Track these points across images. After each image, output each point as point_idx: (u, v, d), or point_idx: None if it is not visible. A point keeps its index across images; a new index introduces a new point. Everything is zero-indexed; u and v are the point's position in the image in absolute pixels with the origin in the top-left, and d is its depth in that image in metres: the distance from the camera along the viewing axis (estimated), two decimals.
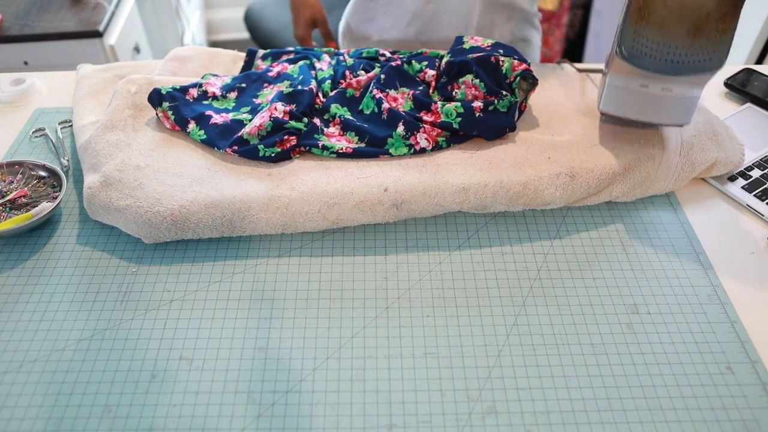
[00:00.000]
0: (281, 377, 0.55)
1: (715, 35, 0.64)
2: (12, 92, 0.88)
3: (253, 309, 0.61)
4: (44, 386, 0.55)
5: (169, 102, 0.76)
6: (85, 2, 1.51)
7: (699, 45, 0.65)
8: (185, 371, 0.56)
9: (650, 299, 0.62)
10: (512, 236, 0.69)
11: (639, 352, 0.57)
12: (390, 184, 0.68)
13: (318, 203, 0.66)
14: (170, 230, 0.65)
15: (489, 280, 0.64)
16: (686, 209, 0.72)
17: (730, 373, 0.56)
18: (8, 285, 0.63)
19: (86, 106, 0.81)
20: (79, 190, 0.74)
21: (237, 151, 0.71)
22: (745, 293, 0.63)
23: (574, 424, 0.52)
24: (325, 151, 0.72)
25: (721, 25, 0.64)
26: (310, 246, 0.67)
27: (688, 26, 0.64)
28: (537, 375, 0.56)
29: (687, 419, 0.52)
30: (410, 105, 0.78)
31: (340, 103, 0.78)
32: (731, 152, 0.74)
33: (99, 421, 0.52)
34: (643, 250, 0.67)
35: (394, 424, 0.52)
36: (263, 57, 0.90)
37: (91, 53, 1.44)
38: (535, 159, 0.71)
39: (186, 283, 0.63)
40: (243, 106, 0.79)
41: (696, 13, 0.63)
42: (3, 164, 0.73)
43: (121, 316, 0.60)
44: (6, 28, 1.41)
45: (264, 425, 0.52)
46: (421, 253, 0.67)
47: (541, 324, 0.60)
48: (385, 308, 0.61)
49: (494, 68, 0.77)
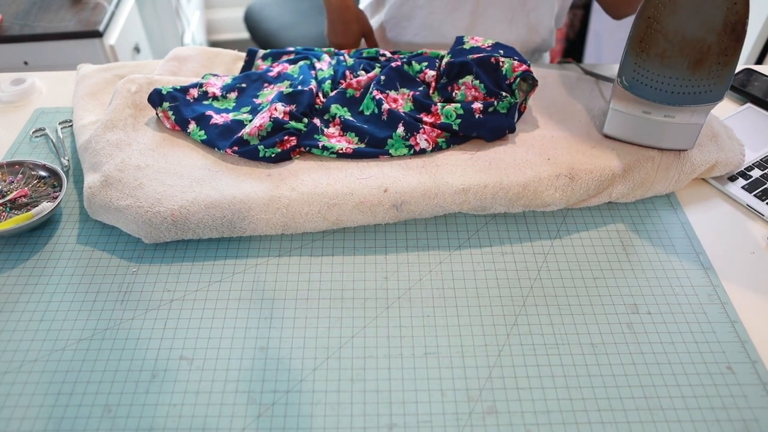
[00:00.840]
0: (281, 377, 0.55)
1: (716, 68, 0.64)
2: (12, 92, 0.88)
3: (253, 309, 0.61)
4: (44, 386, 0.55)
5: (169, 102, 0.76)
6: (85, 2, 1.51)
7: (700, 77, 0.65)
8: (185, 371, 0.56)
9: (650, 299, 0.62)
10: (512, 236, 0.69)
11: (639, 352, 0.57)
12: (390, 185, 0.68)
13: (318, 204, 0.66)
14: (170, 230, 0.65)
15: (489, 280, 0.64)
16: (686, 209, 0.72)
17: (730, 373, 0.56)
18: (8, 285, 0.63)
19: (86, 106, 0.81)
20: (80, 190, 0.74)
21: (237, 151, 0.71)
22: (745, 293, 0.63)
23: (574, 424, 0.52)
24: (325, 151, 0.72)
25: (722, 59, 0.64)
26: (310, 246, 0.67)
27: (689, 59, 0.65)
28: (537, 375, 0.56)
29: (687, 419, 0.52)
30: (410, 106, 0.78)
31: (341, 103, 0.78)
32: (731, 153, 0.74)
33: (99, 421, 0.52)
34: (643, 250, 0.67)
35: (394, 424, 0.52)
36: (263, 57, 0.90)
37: (91, 53, 1.44)
38: (535, 160, 0.71)
39: (186, 283, 0.63)
40: (243, 106, 0.79)
41: (697, 47, 0.64)
42: (3, 164, 0.73)
43: (121, 316, 0.60)
44: (6, 28, 1.41)
45: (264, 425, 0.52)
46: (421, 253, 0.67)
47: (541, 324, 0.60)
48: (385, 308, 0.61)
49: (494, 69, 0.77)
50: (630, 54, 0.67)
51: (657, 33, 0.64)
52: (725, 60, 0.64)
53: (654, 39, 0.65)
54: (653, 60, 0.66)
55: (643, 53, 0.66)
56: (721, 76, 0.65)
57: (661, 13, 0.63)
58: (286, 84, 0.80)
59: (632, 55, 0.67)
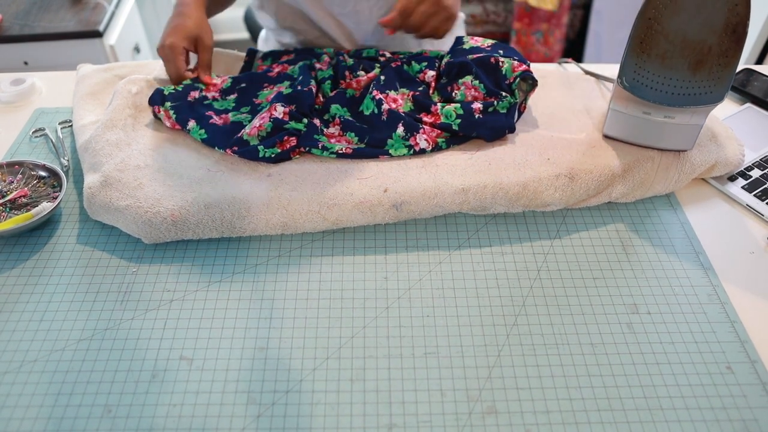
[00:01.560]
0: (281, 377, 0.55)
1: (717, 69, 0.65)
2: (12, 92, 0.88)
3: (253, 309, 0.61)
4: (44, 386, 0.55)
5: (171, 101, 0.76)
6: (85, 2, 1.51)
7: (700, 79, 0.65)
8: (185, 371, 0.56)
9: (650, 299, 0.62)
10: (512, 236, 0.69)
11: (639, 352, 0.57)
12: (390, 185, 0.68)
13: (318, 204, 0.66)
14: (170, 230, 0.65)
15: (489, 280, 0.64)
16: (686, 209, 0.72)
17: (730, 373, 0.56)
18: (8, 285, 0.63)
19: (86, 106, 0.81)
20: (79, 190, 0.74)
21: (237, 151, 0.71)
22: (745, 293, 0.63)
23: (574, 423, 0.52)
24: (324, 151, 0.72)
25: (723, 60, 0.64)
26: (310, 246, 0.67)
27: (689, 60, 0.65)
28: (537, 375, 0.56)
29: (687, 419, 0.52)
30: (410, 106, 0.78)
31: (340, 103, 0.78)
32: (731, 153, 0.74)
33: (99, 421, 0.52)
34: (643, 250, 0.67)
35: (394, 424, 0.52)
36: (263, 57, 0.90)
37: (91, 53, 1.44)
38: (535, 160, 0.71)
39: (186, 283, 0.63)
40: (243, 106, 0.79)
41: (698, 48, 0.64)
42: (3, 164, 0.73)
43: (121, 316, 0.60)
44: (6, 28, 1.41)
45: (264, 425, 0.52)
46: (421, 253, 0.67)
47: (541, 324, 0.60)
48: (385, 308, 0.61)
49: (494, 69, 0.77)
50: (631, 55, 0.67)
51: (658, 34, 0.64)
52: (726, 61, 0.64)
53: (655, 40, 0.65)
54: (654, 61, 0.66)
55: (644, 54, 0.66)
56: (721, 78, 0.65)
57: (662, 14, 0.63)
58: (286, 84, 0.81)
59: (633, 56, 0.67)
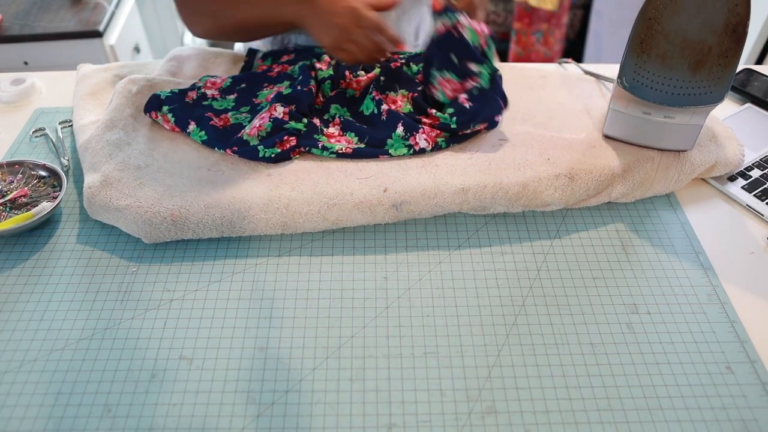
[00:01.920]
0: (281, 377, 0.55)
1: (717, 69, 0.65)
2: (12, 92, 0.88)
3: (253, 309, 0.61)
4: (44, 386, 0.55)
5: (168, 105, 0.76)
6: (85, 2, 1.51)
7: (700, 79, 0.65)
8: (185, 371, 0.56)
9: (650, 299, 0.62)
10: (512, 236, 0.69)
11: (639, 352, 0.57)
12: (390, 185, 0.68)
13: (318, 204, 0.66)
14: (170, 230, 0.65)
15: (489, 280, 0.64)
16: (686, 209, 0.72)
17: (730, 373, 0.56)
18: (8, 285, 0.63)
19: (86, 106, 0.81)
20: (79, 190, 0.74)
21: (237, 151, 0.71)
22: (745, 293, 0.63)
23: (574, 423, 0.52)
24: (324, 151, 0.72)
25: (723, 60, 0.64)
26: (310, 246, 0.67)
27: (689, 60, 0.65)
28: (537, 375, 0.56)
29: (687, 419, 0.52)
30: (409, 108, 0.78)
31: (340, 103, 0.78)
32: (731, 153, 0.74)
33: (99, 421, 0.52)
34: (643, 250, 0.67)
35: (394, 424, 0.52)
36: (263, 57, 0.90)
37: (91, 53, 1.44)
38: (535, 160, 0.71)
39: (186, 283, 0.63)
40: (243, 106, 0.79)
41: (698, 48, 0.64)
42: (3, 164, 0.73)
43: (121, 315, 0.60)
44: (6, 28, 1.41)
45: (264, 425, 0.52)
46: (421, 253, 0.67)
47: (541, 324, 0.60)
48: (385, 308, 0.61)
49: (457, 43, 0.73)
50: (631, 55, 0.67)
51: (658, 34, 0.64)
52: (726, 62, 0.64)
53: (655, 40, 0.65)
54: (654, 61, 0.66)
55: (644, 54, 0.66)
56: (721, 78, 0.65)
57: (662, 14, 0.63)
58: (286, 84, 0.80)
59: (633, 56, 0.67)
